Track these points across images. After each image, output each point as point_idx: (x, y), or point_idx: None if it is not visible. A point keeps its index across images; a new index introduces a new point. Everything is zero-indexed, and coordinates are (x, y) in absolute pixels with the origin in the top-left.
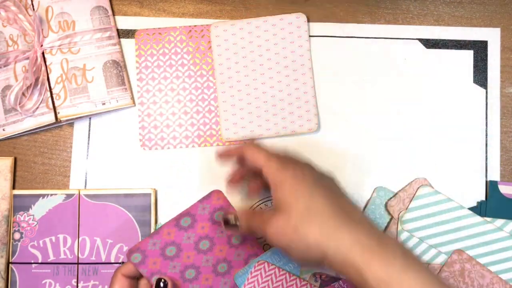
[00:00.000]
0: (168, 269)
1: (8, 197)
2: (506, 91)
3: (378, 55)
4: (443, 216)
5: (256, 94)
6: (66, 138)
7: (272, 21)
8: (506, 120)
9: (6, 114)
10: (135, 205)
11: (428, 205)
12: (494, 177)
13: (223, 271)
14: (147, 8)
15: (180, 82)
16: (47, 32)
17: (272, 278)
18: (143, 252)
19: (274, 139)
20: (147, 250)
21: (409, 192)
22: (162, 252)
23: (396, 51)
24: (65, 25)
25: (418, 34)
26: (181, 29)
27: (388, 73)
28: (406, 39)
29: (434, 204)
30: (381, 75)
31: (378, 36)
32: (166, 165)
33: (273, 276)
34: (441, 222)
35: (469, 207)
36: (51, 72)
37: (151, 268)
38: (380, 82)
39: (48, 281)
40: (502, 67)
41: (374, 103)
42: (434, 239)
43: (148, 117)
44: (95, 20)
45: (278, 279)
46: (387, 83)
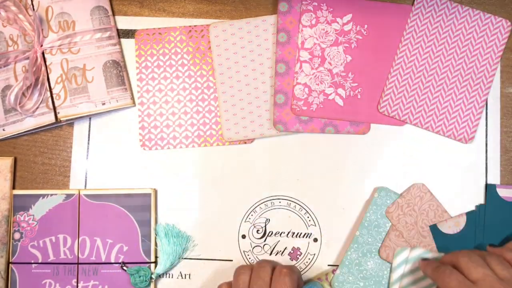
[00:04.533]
0: None
1: (8, 197)
2: (506, 91)
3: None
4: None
5: (256, 94)
6: (66, 138)
7: (271, 21)
8: (506, 120)
9: (6, 114)
10: (135, 205)
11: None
12: (494, 177)
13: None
14: (147, 8)
15: (180, 82)
16: (47, 32)
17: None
18: None
19: (275, 138)
20: None
21: (407, 198)
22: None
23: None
24: (65, 25)
25: None
26: (181, 29)
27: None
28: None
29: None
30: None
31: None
32: (166, 165)
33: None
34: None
35: (468, 211)
36: (51, 72)
37: None
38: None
39: (48, 281)
40: (502, 67)
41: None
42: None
43: (148, 117)
44: (95, 20)
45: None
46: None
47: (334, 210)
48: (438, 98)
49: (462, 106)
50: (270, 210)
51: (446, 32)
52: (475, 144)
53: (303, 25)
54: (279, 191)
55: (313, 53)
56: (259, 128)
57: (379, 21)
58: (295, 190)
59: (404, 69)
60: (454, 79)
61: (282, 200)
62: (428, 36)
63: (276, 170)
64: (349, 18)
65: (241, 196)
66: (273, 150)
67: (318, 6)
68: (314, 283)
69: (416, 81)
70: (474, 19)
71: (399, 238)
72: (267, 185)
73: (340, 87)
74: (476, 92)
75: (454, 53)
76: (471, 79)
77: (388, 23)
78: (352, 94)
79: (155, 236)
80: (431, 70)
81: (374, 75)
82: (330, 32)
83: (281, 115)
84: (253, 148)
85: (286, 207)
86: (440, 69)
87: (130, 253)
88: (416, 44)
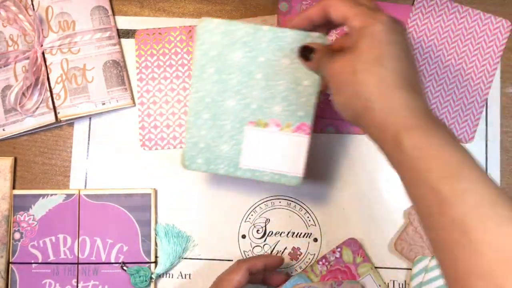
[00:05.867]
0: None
1: (8, 197)
2: (506, 91)
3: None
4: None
5: None
6: (66, 138)
7: (271, 21)
8: (506, 120)
9: (6, 114)
10: (135, 205)
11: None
12: (494, 177)
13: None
14: (147, 8)
15: (180, 82)
16: (47, 32)
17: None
18: None
19: None
20: None
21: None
22: None
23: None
24: (65, 25)
25: None
26: (181, 29)
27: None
28: None
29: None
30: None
31: None
32: (166, 165)
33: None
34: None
35: None
36: (51, 72)
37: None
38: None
39: (48, 281)
40: (502, 67)
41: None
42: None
43: (148, 117)
44: (95, 20)
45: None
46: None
47: (334, 210)
48: (438, 98)
49: (462, 106)
50: (270, 210)
51: (446, 32)
52: (475, 144)
53: None
54: (279, 191)
55: None
56: None
57: None
58: (295, 190)
59: None
60: (454, 79)
61: (282, 200)
62: (428, 36)
63: None
64: None
65: (241, 196)
66: None
67: None
68: (300, 275)
69: None
70: (474, 19)
71: (415, 233)
72: (267, 185)
73: None
74: (476, 92)
75: (454, 53)
76: (471, 79)
77: None
78: None
79: (155, 236)
80: (431, 70)
81: None
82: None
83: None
84: None
85: (286, 207)
86: (440, 69)
87: (130, 253)
88: (416, 44)
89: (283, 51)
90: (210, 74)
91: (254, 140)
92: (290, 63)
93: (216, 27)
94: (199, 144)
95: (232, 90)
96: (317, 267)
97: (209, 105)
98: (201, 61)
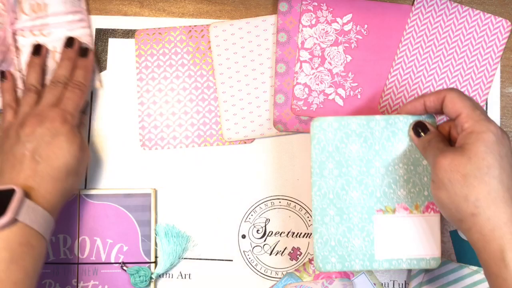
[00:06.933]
0: None
1: None
2: (506, 91)
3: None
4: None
5: (256, 94)
6: None
7: (271, 21)
8: (506, 120)
9: None
10: (135, 205)
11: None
12: None
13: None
14: (147, 8)
15: (180, 82)
16: (19, 14)
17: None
18: None
19: (275, 138)
20: None
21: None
22: None
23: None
24: (37, 8)
25: None
26: (181, 29)
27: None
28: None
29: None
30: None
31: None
32: (166, 165)
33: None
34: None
35: None
36: (22, 54)
37: None
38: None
39: (48, 281)
40: (502, 67)
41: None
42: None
43: (148, 117)
44: (67, 2)
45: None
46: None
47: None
48: None
49: None
50: (270, 210)
51: (446, 32)
52: None
53: (303, 25)
54: (279, 191)
55: (313, 53)
56: (259, 128)
57: (379, 21)
58: (295, 190)
59: (404, 69)
60: (454, 79)
61: (282, 200)
62: (428, 36)
63: (276, 170)
64: (349, 18)
65: (241, 196)
66: (273, 150)
67: (318, 6)
68: (290, 275)
69: (416, 81)
70: (474, 19)
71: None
72: (267, 185)
73: (340, 87)
74: (476, 92)
75: (454, 53)
76: (471, 79)
77: (388, 23)
78: (352, 94)
79: (155, 236)
80: (431, 70)
81: (374, 75)
82: (330, 32)
83: (281, 115)
84: (253, 148)
85: (286, 207)
86: (440, 69)
87: (130, 253)
88: (416, 44)
89: (396, 136)
90: (330, 169)
91: (385, 228)
92: (405, 147)
93: (330, 125)
94: (330, 243)
95: (354, 181)
96: (310, 267)
97: (334, 200)
98: (320, 158)
